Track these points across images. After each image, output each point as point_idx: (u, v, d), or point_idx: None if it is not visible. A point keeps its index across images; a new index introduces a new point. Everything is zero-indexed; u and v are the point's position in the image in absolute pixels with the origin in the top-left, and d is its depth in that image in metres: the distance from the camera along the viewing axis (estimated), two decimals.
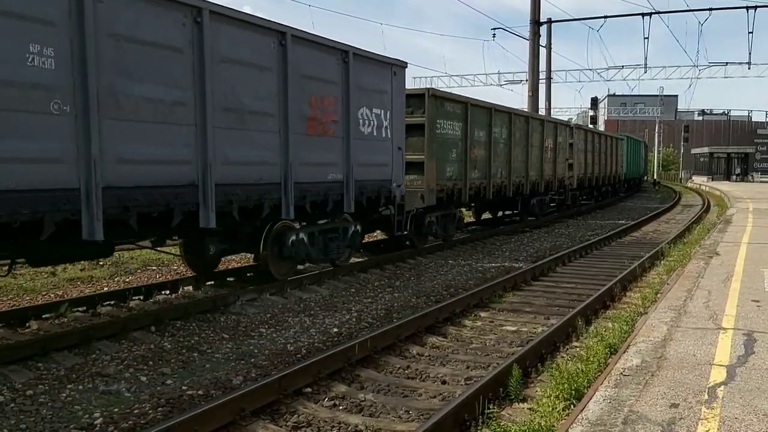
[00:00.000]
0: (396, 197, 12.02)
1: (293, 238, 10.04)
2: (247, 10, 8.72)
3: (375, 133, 11.18)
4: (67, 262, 9.22)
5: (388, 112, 11.50)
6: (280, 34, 8.96)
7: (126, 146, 6.96)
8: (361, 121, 10.78)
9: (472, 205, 19.66)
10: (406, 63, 12.08)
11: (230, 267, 11.78)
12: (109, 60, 6.71)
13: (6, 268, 7.57)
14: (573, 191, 25.81)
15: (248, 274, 10.93)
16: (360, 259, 12.57)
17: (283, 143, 9.17)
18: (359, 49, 10.62)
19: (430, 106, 13.88)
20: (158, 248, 9.63)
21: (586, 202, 30.02)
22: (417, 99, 13.70)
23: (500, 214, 22.61)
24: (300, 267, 11.15)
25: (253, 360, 6.77)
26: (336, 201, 10.42)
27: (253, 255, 10.39)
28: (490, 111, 17.06)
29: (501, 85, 44.97)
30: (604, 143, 31.82)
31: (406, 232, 13.01)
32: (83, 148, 6.50)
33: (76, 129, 6.43)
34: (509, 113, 18.50)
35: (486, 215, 22.35)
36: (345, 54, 10.24)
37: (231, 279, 10.72)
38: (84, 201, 6.53)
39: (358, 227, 11.55)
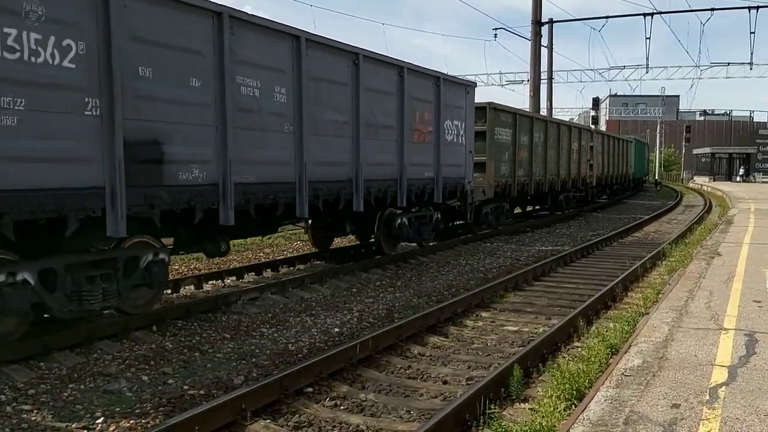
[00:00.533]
0: (467, 191, 14.82)
1: (399, 221, 12.96)
2: (248, 9, 8.96)
3: (455, 140, 14.00)
4: (270, 233, 12.02)
5: (463, 123, 14.34)
6: (399, 68, 11.88)
7: (319, 153, 9.85)
8: (446, 131, 13.60)
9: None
10: (476, 83, 15.15)
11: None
12: (311, 96, 9.57)
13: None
14: (592, 188, 29.20)
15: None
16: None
17: (399, 149, 11.97)
18: (446, 74, 13.94)
19: (490, 117, 17.34)
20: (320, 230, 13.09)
21: (601, 200, 32.98)
22: (480, 110, 16.67)
23: (530, 208, 25.28)
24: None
25: (254, 360, 6.77)
26: (429, 194, 13.21)
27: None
28: (532, 119, 20.85)
29: (502, 86, 45.01)
30: (617, 145, 35.27)
31: (470, 221, 16.21)
32: (298, 155, 9.42)
33: (294, 142, 9.36)
34: (545, 120, 22.45)
35: (516, 210, 24.15)
36: (437, 79, 13.16)
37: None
38: (297, 190, 9.50)
39: (439, 215, 14.45)
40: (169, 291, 9.75)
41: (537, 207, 25.09)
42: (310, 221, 12.13)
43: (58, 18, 6.19)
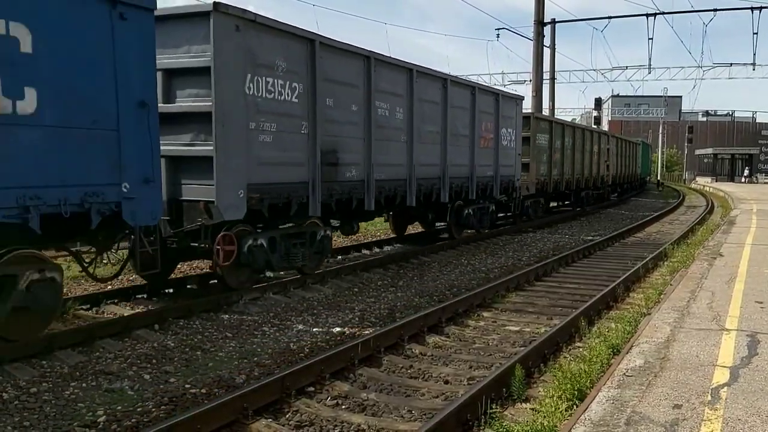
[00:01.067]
0: (516, 188, 18.29)
1: (466, 212, 15.86)
2: (251, 8, 9.03)
3: (508, 145, 17.42)
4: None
5: (514, 130, 17.81)
6: (472, 87, 15.40)
7: (422, 157, 13.05)
8: (502, 137, 16.88)
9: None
10: (523, 97, 18.80)
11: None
12: (418, 113, 12.79)
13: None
14: (608, 187, 32.92)
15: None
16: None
17: (471, 153, 15.24)
18: (503, 90, 18.25)
19: (533, 124, 20.65)
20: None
21: (613, 198, 36.08)
22: (525, 119, 19.87)
23: (553, 204, 27.53)
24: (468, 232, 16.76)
25: (256, 359, 6.78)
26: (490, 189, 16.54)
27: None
28: (563, 126, 24.47)
29: (504, 86, 44.95)
30: (627, 147, 38.74)
31: (518, 212, 19.58)
32: (410, 159, 12.68)
33: (407, 149, 12.62)
34: (573, 127, 26.39)
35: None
36: (497, 95, 16.88)
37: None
38: (408, 185, 12.74)
39: (493, 207, 17.51)
40: (171, 290, 9.78)
41: (560, 203, 27.98)
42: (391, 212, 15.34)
43: (291, 69, 9.31)
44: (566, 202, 27.69)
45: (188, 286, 10.19)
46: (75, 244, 7.60)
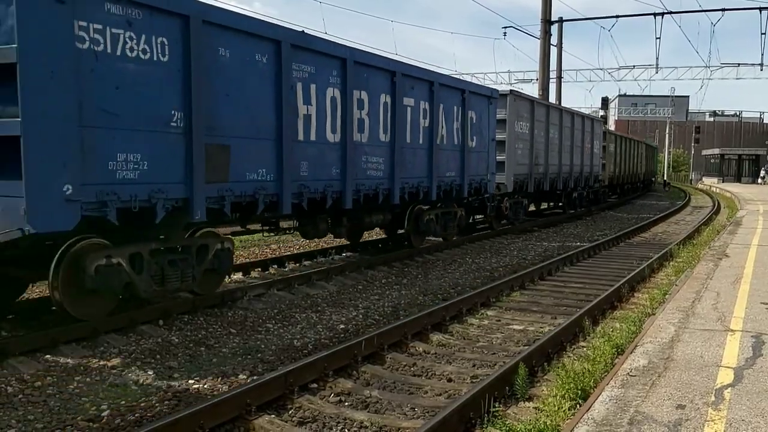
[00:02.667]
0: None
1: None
2: (256, 6, 8.88)
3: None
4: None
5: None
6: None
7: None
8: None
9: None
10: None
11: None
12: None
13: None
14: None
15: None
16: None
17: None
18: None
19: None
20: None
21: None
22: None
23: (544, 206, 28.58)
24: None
25: (259, 355, 6.79)
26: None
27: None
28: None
29: (511, 84, 44.84)
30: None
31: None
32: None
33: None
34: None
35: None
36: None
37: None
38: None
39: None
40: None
41: (551, 204, 27.11)
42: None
43: None
44: (559, 204, 25.10)
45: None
46: None
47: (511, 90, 18.34)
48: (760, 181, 58.66)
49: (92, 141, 6.43)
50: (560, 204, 25.02)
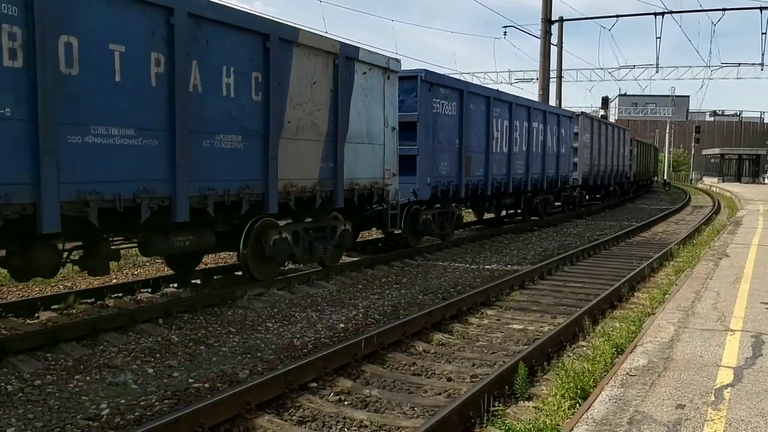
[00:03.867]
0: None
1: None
2: (257, 6, 8.85)
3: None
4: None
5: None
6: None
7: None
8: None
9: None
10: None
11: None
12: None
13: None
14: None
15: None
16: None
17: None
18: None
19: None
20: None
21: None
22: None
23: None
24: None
25: (259, 354, 6.79)
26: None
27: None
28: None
29: (511, 83, 44.83)
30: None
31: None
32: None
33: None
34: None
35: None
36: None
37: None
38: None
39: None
40: (175, 285, 9.80)
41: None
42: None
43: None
44: (597, 196, 29.03)
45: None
46: None
47: (582, 112, 25.50)
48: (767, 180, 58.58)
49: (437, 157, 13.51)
50: (597, 196, 30.39)
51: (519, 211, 20.96)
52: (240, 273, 10.52)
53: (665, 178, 62.35)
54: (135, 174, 7.19)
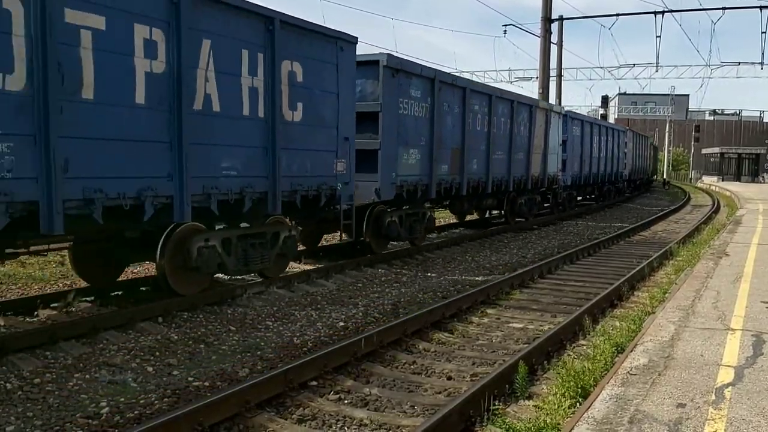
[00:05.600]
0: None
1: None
2: (258, 0, 8.60)
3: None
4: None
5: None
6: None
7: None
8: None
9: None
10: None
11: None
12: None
13: None
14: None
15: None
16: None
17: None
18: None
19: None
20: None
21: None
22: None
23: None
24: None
25: (259, 352, 6.78)
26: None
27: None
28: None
29: (511, 82, 44.79)
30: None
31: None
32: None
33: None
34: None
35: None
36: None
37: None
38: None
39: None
40: None
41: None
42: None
43: None
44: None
45: None
46: None
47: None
48: None
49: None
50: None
51: (502, 212, 19.32)
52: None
53: (665, 177, 62.32)
54: None
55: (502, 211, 19.32)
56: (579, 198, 27.83)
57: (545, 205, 23.01)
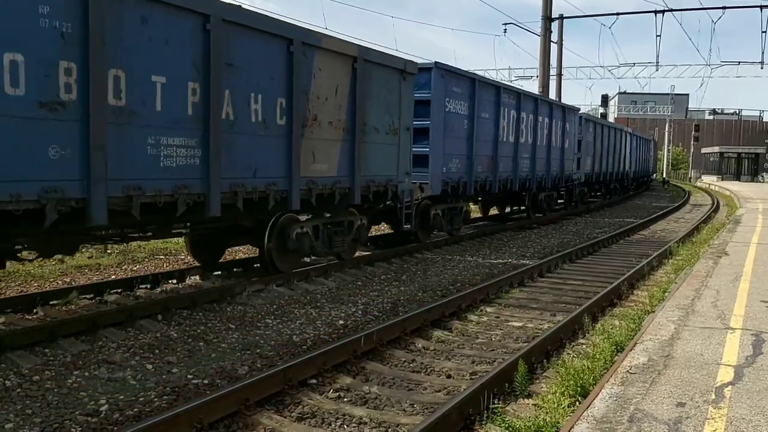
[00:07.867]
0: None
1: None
2: (257, 1, 8.73)
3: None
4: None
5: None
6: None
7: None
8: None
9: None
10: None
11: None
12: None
13: None
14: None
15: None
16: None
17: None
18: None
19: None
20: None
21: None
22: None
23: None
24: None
25: (258, 350, 6.78)
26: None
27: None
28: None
29: (511, 81, 44.84)
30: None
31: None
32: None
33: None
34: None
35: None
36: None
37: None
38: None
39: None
40: (174, 281, 9.78)
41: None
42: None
43: None
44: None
45: None
46: None
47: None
48: None
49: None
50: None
51: (523, 208, 21.10)
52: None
53: (664, 176, 62.33)
54: None
55: (522, 207, 21.16)
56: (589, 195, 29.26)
57: (559, 201, 24.34)
